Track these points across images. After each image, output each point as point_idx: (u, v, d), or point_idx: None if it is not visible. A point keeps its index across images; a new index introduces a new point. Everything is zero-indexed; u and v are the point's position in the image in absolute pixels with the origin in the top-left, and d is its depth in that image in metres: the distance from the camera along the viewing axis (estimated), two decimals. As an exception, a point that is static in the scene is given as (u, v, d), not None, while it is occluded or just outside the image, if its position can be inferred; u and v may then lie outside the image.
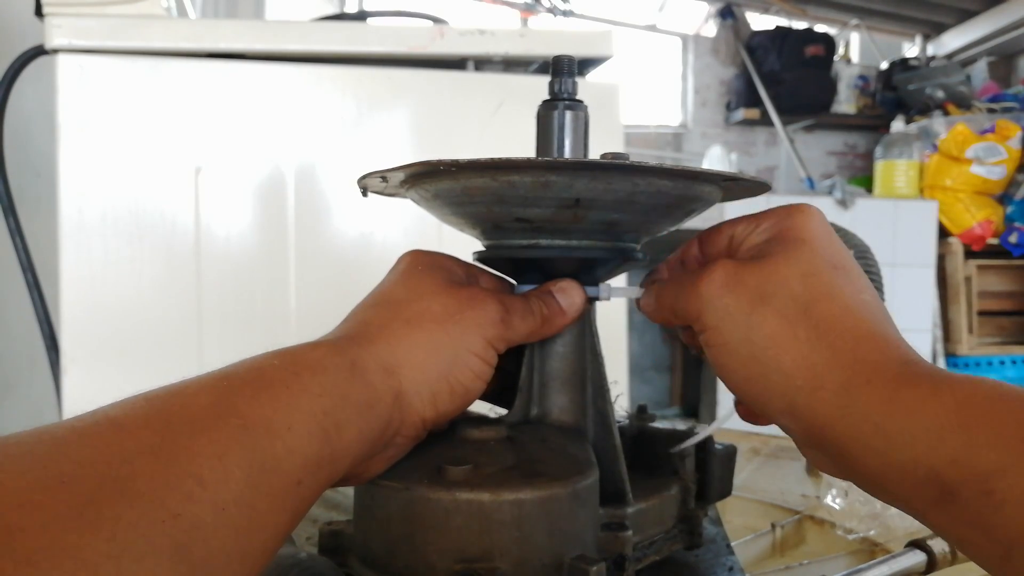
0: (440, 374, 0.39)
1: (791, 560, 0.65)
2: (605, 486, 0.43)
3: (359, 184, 0.48)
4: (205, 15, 2.04)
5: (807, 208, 0.40)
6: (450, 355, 0.40)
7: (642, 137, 4.65)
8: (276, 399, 0.32)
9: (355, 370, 0.36)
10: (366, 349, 0.38)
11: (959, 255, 3.33)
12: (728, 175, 0.42)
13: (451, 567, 0.38)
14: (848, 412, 0.33)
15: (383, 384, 0.37)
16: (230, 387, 0.32)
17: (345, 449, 0.35)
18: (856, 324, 0.36)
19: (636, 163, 0.39)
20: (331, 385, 0.35)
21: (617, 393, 0.50)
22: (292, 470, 0.31)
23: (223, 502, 0.28)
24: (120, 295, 1.09)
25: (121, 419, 0.29)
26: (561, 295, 0.45)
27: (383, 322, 0.40)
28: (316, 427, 0.33)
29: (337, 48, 1.16)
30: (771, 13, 4.74)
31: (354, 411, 0.35)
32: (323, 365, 0.35)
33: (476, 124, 1.20)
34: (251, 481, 0.29)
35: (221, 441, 0.29)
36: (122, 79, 1.09)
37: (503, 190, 0.41)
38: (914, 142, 3.51)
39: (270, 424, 0.31)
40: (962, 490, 0.29)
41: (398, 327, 0.40)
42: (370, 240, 1.17)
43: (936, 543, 0.48)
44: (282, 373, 0.34)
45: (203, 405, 0.30)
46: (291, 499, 0.32)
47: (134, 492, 0.26)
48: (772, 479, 0.80)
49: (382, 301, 0.42)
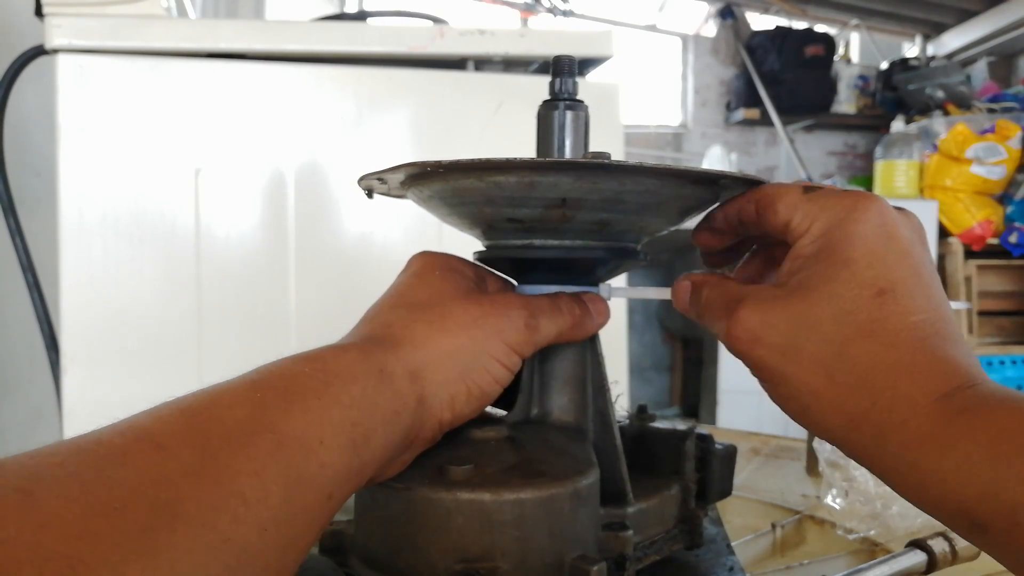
0: (460, 377, 0.40)
1: (791, 560, 0.65)
2: (606, 486, 0.43)
3: (361, 186, 0.49)
4: (205, 15, 2.04)
5: (864, 208, 0.36)
6: (471, 359, 0.40)
7: (642, 137, 4.65)
8: (308, 411, 0.32)
9: (383, 377, 0.36)
10: (393, 353, 0.38)
11: (959, 255, 3.33)
12: (713, 173, 0.42)
13: (452, 567, 0.38)
14: (884, 453, 0.33)
15: (408, 390, 0.37)
16: (263, 400, 0.32)
17: (371, 459, 0.35)
18: (898, 359, 0.34)
19: (617, 162, 0.39)
20: (360, 395, 0.35)
21: (617, 393, 0.50)
22: (324, 484, 0.31)
23: (265, 522, 0.28)
24: (120, 295, 1.09)
25: (159, 437, 0.28)
26: (591, 301, 0.45)
27: (406, 324, 0.40)
28: (346, 440, 0.33)
29: (337, 48, 1.16)
30: (771, 13, 4.74)
31: (381, 420, 0.35)
32: (352, 373, 0.35)
33: (476, 124, 1.20)
34: (288, 497, 0.29)
35: (259, 458, 0.29)
36: (122, 79, 1.09)
37: (491, 191, 0.41)
38: (914, 142, 3.51)
39: (303, 439, 0.31)
40: (992, 523, 0.30)
41: (421, 329, 0.40)
42: (370, 240, 1.17)
43: (936, 543, 0.48)
44: (313, 382, 0.34)
45: (238, 419, 0.30)
46: (322, 513, 0.32)
47: (185, 517, 0.26)
48: (772, 479, 0.80)
49: (404, 303, 0.42)
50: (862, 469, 0.62)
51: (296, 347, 0.36)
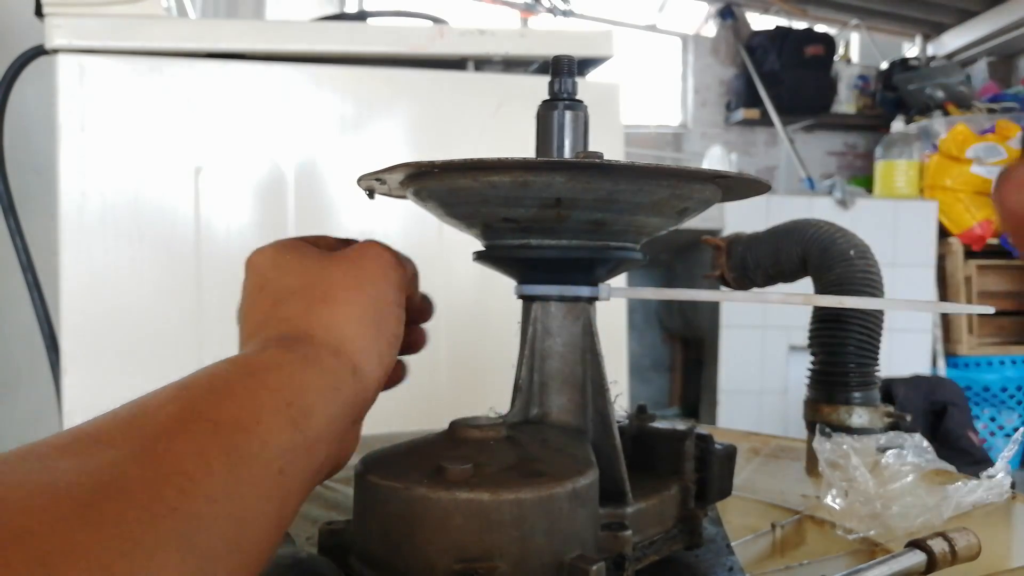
0: (376, 334, 0.41)
1: (791, 560, 0.65)
2: (605, 486, 0.43)
3: (361, 186, 0.49)
4: (205, 15, 2.04)
5: None
6: (374, 313, 0.41)
7: (642, 137, 4.65)
8: (235, 397, 0.33)
9: (308, 360, 0.37)
10: (307, 341, 0.38)
11: (959, 255, 3.33)
12: (707, 172, 0.42)
13: (451, 567, 0.38)
14: None
15: (338, 365, 0.38)
16: (191, 396, 0.33)
17: (319, 434, 0.35)
18: None
19: (608, 161, 0.39)
20: (288, 378, 0.35)
21: (616, 393, 0.50)
22: (271, 460, 0.32)
23: (213, 493, 0.28)
24: (120, 295, 1.09)
25: (96, 434, 0.29)
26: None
27: (302, 311, 0.40)
28: (283, 419, 0.34)
29: (337, 48, 1.16)
30: (771, 13, 4.73)
31: (318, 396, 0.36)
32: (276, 363, 0.36)
33: (476, 124, 1.20)
34: (233, 471, 0.30)
35: (198, 440, 0.30)
36: (122, 79, 1.09)
37: (485, 191, 0.41)
38: (914, 142, 3.51)
39: (238, 420, 0.32)
40: None
41: (320, 309, 0.40)
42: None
43: (936, 543, 0.48)
44: (237, 375, 0.35)
45: (171, 413, 0.31)
46: (276, 488, 0.32)
47: (129, 492, 0.26)
48: (772, 479, 0.80)
49: (282, 296, 0.41)
50: (862, 469, 0.62)
51: (295, 347, 0.37)
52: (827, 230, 0.73)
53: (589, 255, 0.45)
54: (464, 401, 1.03)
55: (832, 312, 0.72)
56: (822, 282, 0.71)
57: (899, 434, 0.68)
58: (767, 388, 3.09)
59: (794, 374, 3.06)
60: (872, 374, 0.73)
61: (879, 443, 0.69)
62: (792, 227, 0.75)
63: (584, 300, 0.47)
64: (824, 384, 0.74)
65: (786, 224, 0.76)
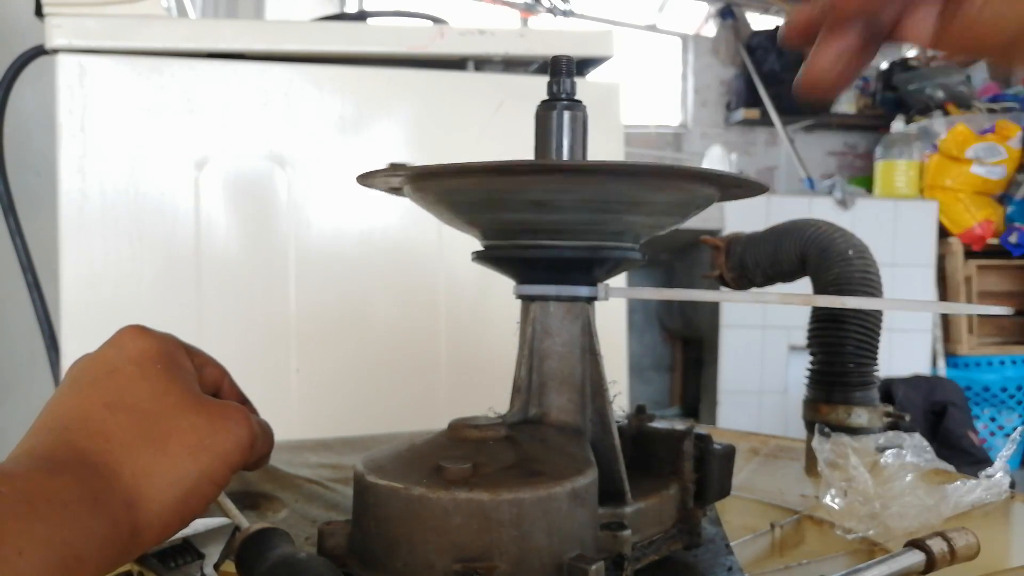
0: (177, 506, 0.38)
1: (790, 560, 0.65)
2: (604, 486, 0.43)
3: (363, 185, 0.49)
4: (205, 15, 2.04)
5: None
6: (192, 486, 0.38)
7: (642, 137, 4.65)
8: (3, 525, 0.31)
9: (98, 504, 0.35)
10: (109, 483, 0.36)
11: (959, 255, 3.33)
12: (702, 172, 0.42)
13: (450, 566, 0.38)
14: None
15: (124, 519, 0.36)
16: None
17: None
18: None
19: (589, 163, 0.39)
20: (73, 518, 0.33)
21: (616, 393, 0.50)
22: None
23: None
24: (120, 295, 1.09)
25: None
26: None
27: (127, 441, 0.37)
28: (55, 556, 0.31)
29: (337, 48, 1.16)
30: (771, 13, 4.73)
31: (97, 543, 0.34)
32: (62, 499, 0.33)
33: (476, 124, 1.20)
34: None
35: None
36: (122, 79, 1.09)
37: (475, 193, 0.41)
38: (914, 142, 3.51)
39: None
40: None
41: (143, 448, 0.37)
42: (370, 239, 1.17)
43: (935, 543, 0.48)
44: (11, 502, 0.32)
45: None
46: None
47: None
48: (771, 479, 0.80)
49: (124, 406, 0.38)
50: (861, 469, 0.62)
51: (296, 345, 0.36)
52: (826, 230, 0.73)
53: (588, 255, 0.45)
54: (464, 401, 1.03)
55: (831, 312, 0.72)
56: (821, 282, 0.71)
57: (898, 434, 0.68)
58: (767, 388, 3.09)
59: (794, 374, 3.06)
60: (871, 374, 0.73)
61: (878, 443, 0.69)
62: (791, 227, 0.75)
63: (583, 300, 0.47)
64: (823, 384, 0.74)
65: (785, 224, 0.76)
